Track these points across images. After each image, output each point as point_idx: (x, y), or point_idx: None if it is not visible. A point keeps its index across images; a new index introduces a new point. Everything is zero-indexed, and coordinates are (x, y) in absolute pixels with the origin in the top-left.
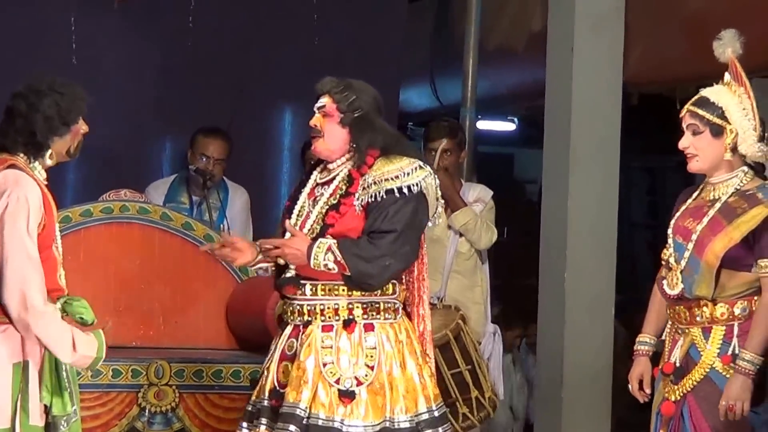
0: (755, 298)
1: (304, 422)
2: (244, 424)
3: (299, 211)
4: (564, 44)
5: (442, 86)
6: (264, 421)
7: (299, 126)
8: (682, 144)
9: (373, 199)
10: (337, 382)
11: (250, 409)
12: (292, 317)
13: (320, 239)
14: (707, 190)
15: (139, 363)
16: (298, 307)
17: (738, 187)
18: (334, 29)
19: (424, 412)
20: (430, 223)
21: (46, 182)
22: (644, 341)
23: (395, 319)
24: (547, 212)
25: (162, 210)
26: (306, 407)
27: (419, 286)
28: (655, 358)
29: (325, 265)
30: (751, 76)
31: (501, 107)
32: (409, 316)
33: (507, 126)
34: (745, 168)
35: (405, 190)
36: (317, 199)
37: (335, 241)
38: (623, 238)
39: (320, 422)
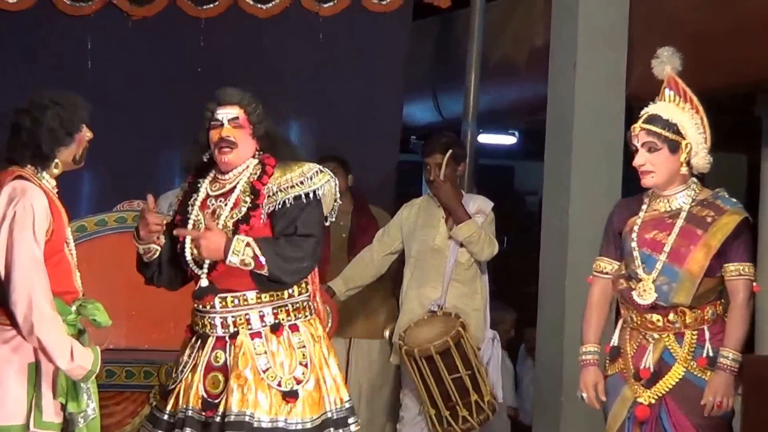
0: (718, 302)
1: (254, 426)
2: None
3: (194, 225)
4: (567, 60)
5: (444, 101)
6: (188, 430)
7: (305, 140)
8: (638, 162)
9: (280, 206)
10: (279, 384)
11: (166, 418)
12: (212, 330)
13: (237, 235)
14: (661, 202)
15: (151, 365)
16: (221, 319)
17: (694, 197)
18: (340, 46)
19: (347, 401)
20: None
21: (56, 190)
22: (592, 351)
23: (310, 315)
24: (548, 223)
25: None
26: (252, 413)
27: (314, 281)
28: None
29: (242, 260)
30: (754, 91)
31: (502, 121)
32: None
33: (508, 139)
34: (695, 179)
35: (311, 195)
36: (216, 212)
37: (252, 238)
38: None
39: (264, 425)
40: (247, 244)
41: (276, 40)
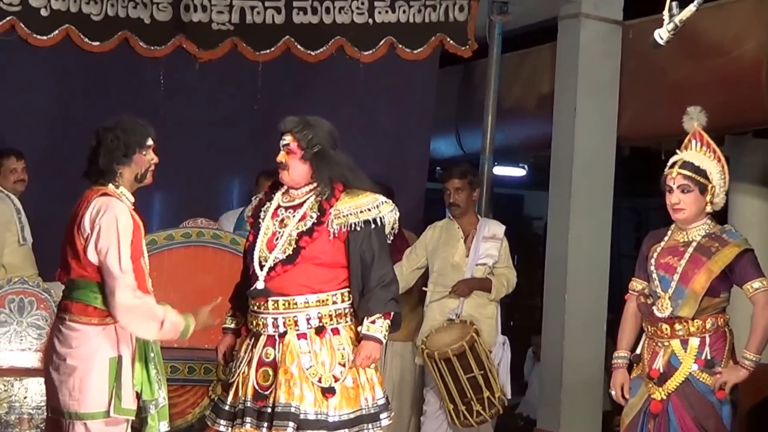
0: (719, 315)
1: (300, 417)
2: (222, 422)
3: (265, 230)
4: (568, 105)
5: (465, 138)
6: (249, 420)
7: None
8: (673, 201)
9: (352, 229)
10: (320, 380)
11: (227, 408)
12: (264, 329)
13: (379, 325)
14: (680, 233)
15: (210, 362)
16: (272, 320)
17: (707, 231)
18: (377, 88)
19: (380, 399)
20: None
21: (133, 205)
22: (622, 356)
23: (351, 321)
24: (552, 244)
25: (231, 236)
26: (297, 405)
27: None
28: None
29: (387, 328)
30: (724, 134)
31: (514, 156)
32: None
33: (519, 171)
34: (710, 215)
35: (379, 221)
36: (284, 221)
37: (375, 318)
38: (614, 267)
39: (310, 417)
40: (381, 323)
41: (323, 82)
